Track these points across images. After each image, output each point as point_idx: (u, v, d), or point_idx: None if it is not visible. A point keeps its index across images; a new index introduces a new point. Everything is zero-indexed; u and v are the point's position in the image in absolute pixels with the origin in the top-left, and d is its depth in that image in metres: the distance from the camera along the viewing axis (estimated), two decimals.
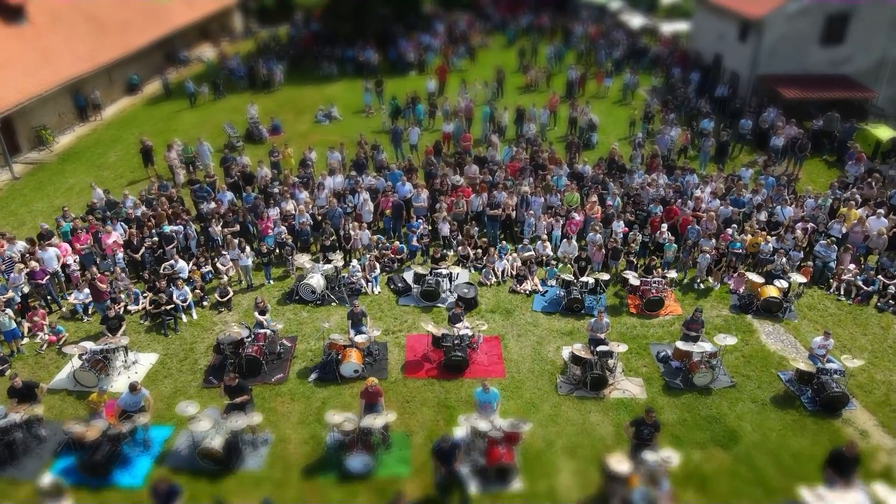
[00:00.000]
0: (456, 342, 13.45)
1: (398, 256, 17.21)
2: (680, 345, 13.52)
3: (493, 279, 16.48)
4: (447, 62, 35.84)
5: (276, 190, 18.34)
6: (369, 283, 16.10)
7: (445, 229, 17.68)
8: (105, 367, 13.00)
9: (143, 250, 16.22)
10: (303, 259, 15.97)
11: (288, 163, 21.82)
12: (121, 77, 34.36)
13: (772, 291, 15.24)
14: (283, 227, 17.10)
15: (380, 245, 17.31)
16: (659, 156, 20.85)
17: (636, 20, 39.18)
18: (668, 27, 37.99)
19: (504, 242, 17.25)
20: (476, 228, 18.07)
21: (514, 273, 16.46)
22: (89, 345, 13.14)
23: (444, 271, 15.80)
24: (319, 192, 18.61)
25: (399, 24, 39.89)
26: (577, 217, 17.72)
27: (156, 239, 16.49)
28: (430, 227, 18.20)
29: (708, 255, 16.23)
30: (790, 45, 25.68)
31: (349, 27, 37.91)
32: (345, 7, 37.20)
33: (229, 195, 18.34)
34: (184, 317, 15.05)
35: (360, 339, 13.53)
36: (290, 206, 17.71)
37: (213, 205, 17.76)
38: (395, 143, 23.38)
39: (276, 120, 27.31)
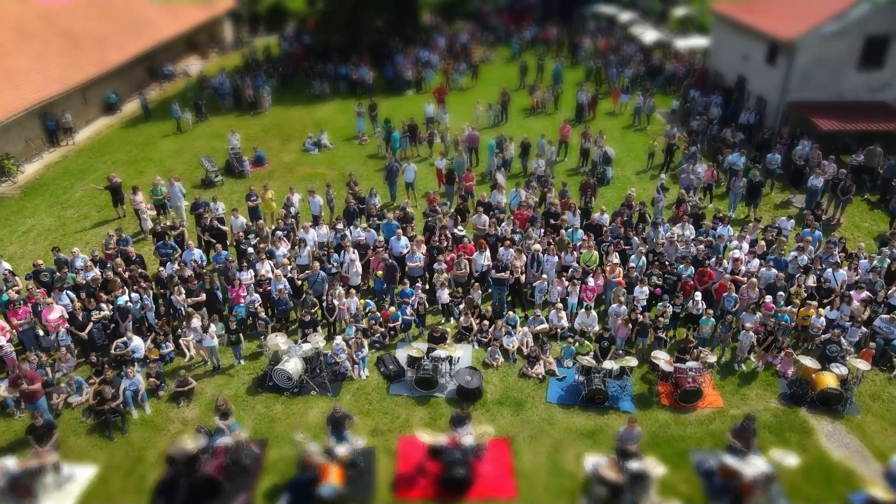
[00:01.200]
0: (458, 456, 11.12)
1: (391, 325, 14.87)
2: (728, 460, 11.16)
3: (500, 359, 14.13)
4: (447, 80, 33.50)
5: (250, 248, 15.95)
6: (356, 366, 13.76)
7: (445, 296, 15.33)
8: (29, 490, 10.68)
9: (90, 326, 13.86)
10: (278, 340, 13.60)
11: (269, 206, 19.47)
12: (97, 96, 32.00)
13: (829, 381, 12.88)
14: (257, 296, 14.76)
15: (369, 313, 14.97)
16: (685, 202, 18.49)
17: (649, 35, 36.74)
18: (684, 43, 35.54)
19: (513, 313, 14.89)
20: (479, 291, 15.72)
21: (526, 352, 14.11)
22: (10, 463, 10.79)
23: (443, 354, 13.44)
24: (301, 249, 16.26)
25: (396, 37, 37.53)
26: (597, 281, 15.38)
27: (107, 313, 14.14)
28: (426, 291, 15.85)
29: (751, 333, 13.87)
30: (825, 69, 23.31)
31: (343, 39, 35.57)
32: (339, 18, 34.81)
33: (196, 254, 15.98)
34: (134, 412, 12.70)
35: (342, 450, 11.19)
36: (266, 267, 15.36)
37: (176, 266, 15.40)
38: (389, 181, 21.01)
39: (259, 150, 24.95)
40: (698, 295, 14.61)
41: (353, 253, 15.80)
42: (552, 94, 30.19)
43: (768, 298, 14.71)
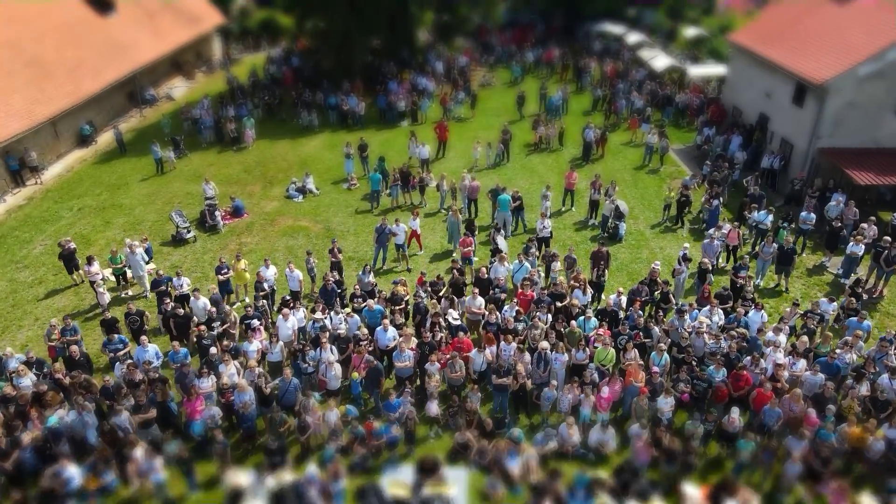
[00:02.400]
0: None
1: (375, 443, 12.72)
2: None
3: (502, 490, 11.97)
4: (445, 112, 31.36)
5: (213, 349, 13.74)
6: (333, 502, 11.59)
7: (434, 408, 13.17)
8: None
9: (15, 455, 11.71)
10: (239, 478, 11.43)
11: (241, 278, 17.29)
12: (70, 128, 29.90)
13: None
14: (217, 409, 12.61)
15: (350, 426, 12.82)
16: (709, 273, 16.29)
17: (659, 60, 34.45)
18: (697, 71, 33.30)
19: (517, 430, 12.73)
20: (479, 394, 13.57)
21: (533, 482, 11.96)
22: None
23: (434, 493, 11.28)
24: (273, 345, 14.12)
25: (390, 60, 35.30)
26: (613, 387, 13.23)
27: (39, 434, 12.00)
28: (416, 392, 13.72)
29: (798, 465, 11.71)
30: (860, 113, 21.15)
31: (334, 62, 33.34)
32: (331, 39, 32.56)
33: (151, 351, 13.81)
34: None
35: None
36: (231, 370, 13.20)
37: (125, 367, 13.26)
38: (379, 243, 18.83)
39: (237, 200, 22.77)
40: (735, 412, 12.45)
41: (332, 353, 13.64)
42: (556, 130, 28.00)
43: (812, 411, 12.57)
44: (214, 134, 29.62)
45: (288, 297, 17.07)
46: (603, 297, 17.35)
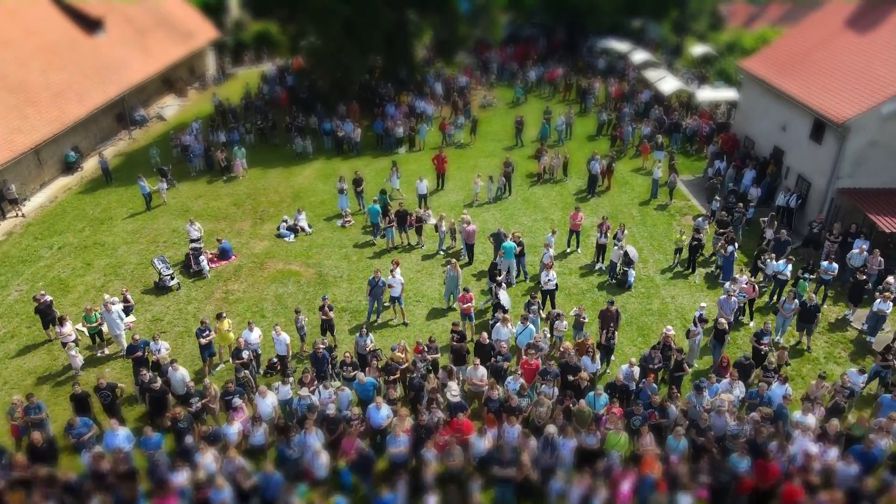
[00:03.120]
0: None
1: None
2: None
3: None
4: (445, 137, 30.24)
5: (189, 438, 12.55)
6: None
7: (431, 502, 11.99)
8: None
9: None
10: None
11: (225, 339, 16.10)
12: (54, 155, 28.80)
13: None
14: None
15: None
16: (726, 334, 15.10)
17: (667, 83, 33.18)
18: (706, 95, 32.07)
19: None
20: (479, 482, 12.38)
21: None
22: None
23: None
24: (255, 427, 12.96)
25: (388, 82, 34.12)
26: (626, 484, 12.05)
27: None
28: (411, 479, 12.54)
29: None
30: (883, 153, 20.00)
31: (330, 82, 32.10)
32: (327, 58, 31.32)
33: (121, 435, 12.65)
34: None
35: None
36: (208, 459, 12.02)
37: (91, 456, 12.08)
38: (373, 296, 17.65)
39: (224, 241, 21.55)
40: None
41: (319, 437, 12.47)
42: (560, 160, 26.82)
43: None
44: (204, 162, 28.45)
45: (275, 360, 15.97)
46: (613, 357, 16.23)
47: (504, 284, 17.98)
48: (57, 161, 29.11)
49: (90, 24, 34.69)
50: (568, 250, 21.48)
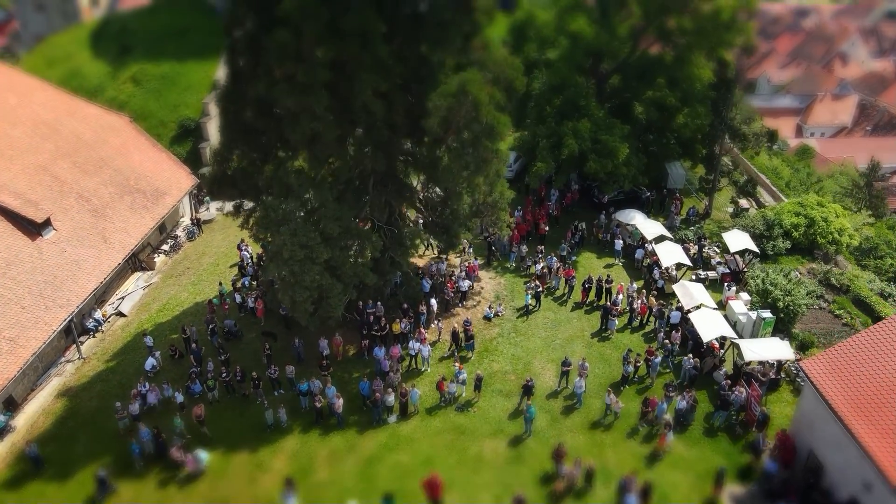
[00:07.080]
0: None
1: None
2: None
3: None
4: (442, 397, 25.77)
5: None
6: None
7: None
8: None
9: None
10: None
11: None
12: None
13: None
14: None
15: None
16: None
17: (708, 326, 27.38)
18: (757, 351, 26.01)
19: None
20: None
21: None
22: None
23: None
24: None
25: (376, 301, 29.13)
26: None
27: None
28: None
29: None
30: None
31: (306, 317, 26.82)
32: (302, 305, 26.23)
33: None
34: None
35: None
36: None
37: None
38: None
39: None
40: None
41: None
42: (581, 468, 22.12)
43: None
44: (154, 447, 23.51)
45: None
46: None
47: None
48: None
49: (35, 225, 29.95)
50: None
